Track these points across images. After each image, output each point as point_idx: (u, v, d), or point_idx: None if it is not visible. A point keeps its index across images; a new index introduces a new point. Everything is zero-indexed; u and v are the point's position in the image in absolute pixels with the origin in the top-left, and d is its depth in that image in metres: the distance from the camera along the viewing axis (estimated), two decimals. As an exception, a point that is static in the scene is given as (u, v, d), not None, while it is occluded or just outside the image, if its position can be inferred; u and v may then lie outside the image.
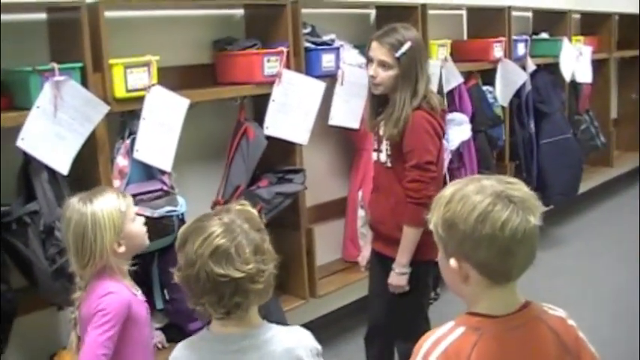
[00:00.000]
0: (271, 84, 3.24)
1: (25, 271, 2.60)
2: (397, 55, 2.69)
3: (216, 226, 1.59)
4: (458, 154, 4.28)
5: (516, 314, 1.45)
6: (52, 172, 2.60)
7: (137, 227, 2.15)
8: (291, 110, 3.32)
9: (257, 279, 1.57)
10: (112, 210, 2.07)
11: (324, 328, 3.91)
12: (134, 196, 2.75)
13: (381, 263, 2.90)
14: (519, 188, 1.42)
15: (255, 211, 1.71)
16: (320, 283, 3.64)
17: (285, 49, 3.24)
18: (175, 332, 3.08)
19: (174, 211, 2.78)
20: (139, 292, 2.17)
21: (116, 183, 2.80)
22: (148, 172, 2.91)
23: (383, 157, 2.85)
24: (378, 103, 2.85)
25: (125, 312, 2.03)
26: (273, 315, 3.20)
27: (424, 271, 2.84)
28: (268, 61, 3.21)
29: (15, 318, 2.60)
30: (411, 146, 2.71)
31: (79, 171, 2.83)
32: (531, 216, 1.37)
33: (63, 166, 2.61)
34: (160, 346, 3.04)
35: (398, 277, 2.76)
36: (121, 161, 2.83)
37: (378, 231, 2.96)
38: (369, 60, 2.79)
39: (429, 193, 2.65)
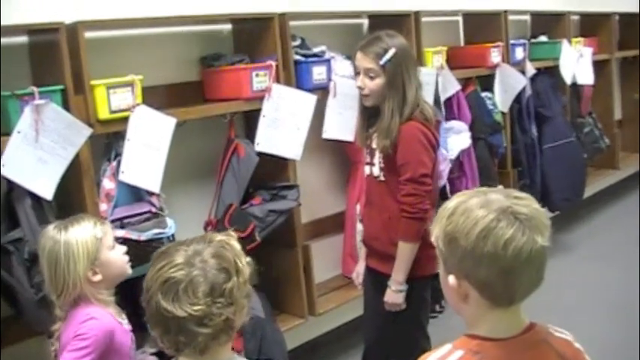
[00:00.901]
0: (261, 99, 3.17)
1: (10, 300, 2.54)
2: (382, 62, 2.62)
3: (177, 256, 1.49)
4: (458, 163, 4.20)
5: (520, 337, 1.35)
6: (36, 198, 2.54)
7: (115, 255, 2.09)
8: (283, 125, 3.24)
9: (205, 322, 1.44)
10: (87, 237, 2.02)
11: (324, 347, 3.85)
12: (121, 219, 2.72)
13: (376, 280, 2.82)
14: (528, 204, 1.32)
15: (236, 246, 1.57)
16: (319, 300, 3.56)
17: (273, 63, 3.17)
18: (168, 358, 3.00)
19: (163, 233, 2.70)
20: (124, 321, 2.10)
21: (103, 206, 2.74)
22: (136, 194, 2.84)
23: (376, 170, 2.78)
24: (369, 115, 2.77)
25: (105, 340, 1.96)
26: (269, 337, 3.15)
27: (422, 286, 2.75)
28: (257, 75, 3.14)
29: (1, 348, 2.55)
30: (405, 159, 2.63)
31: (64, 196, 2.78)
32: (539, 236, 1.28)
33: (47, 192, 2.55)
34: (154, 369, 2.97)
35: (394, 295, 2.67)
36: (108, 184, 2.76)
37: (371, 247, 2.87)
38: (357, 72, 2.72)
39: (424, 207, 2.59)
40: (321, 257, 3.75)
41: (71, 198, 2.74)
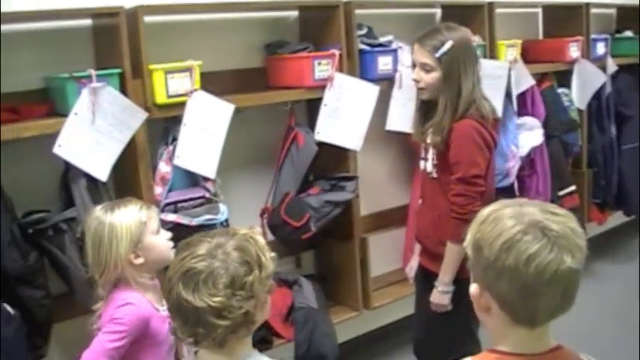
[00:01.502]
0: (323, 88, 3.13)
1: (63, 278, 2.60)
2: (437, 55, 2.54)
3: (200, 247, 1.50)
4: (529, 160, 4.05)
5: (543, 356, 1.28)
6: (91, 179, 2.58)
7: (159, 240, 2.09)
8: (344, 115, 3.20)
9: (224, 314, 1.44)
10: (131, 220, 2.04)
11: (377, 342, 3.79)
12: (175, 203, 2.74)
13: (426, 278, 2.74)
14: (563, 222, 1.23)
15: (260, 241, 1.56)
16: (375, 294, 3.50)
17: (337, 52, 3.12)
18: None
19: (214, 219, 2.71)
20: (162, 308, 2.11)
21: (157, 190, 2.76)
22: (192, 178, 2.86)
23: (429, 166, 2.70)
24: (426, 109, 2.69)
25: (141, 326, 1.98)
26: (321, 328, 3.12)
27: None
28: (319, 64, 3.10)
29: (53, 323, 2.61)
30: (457, 158, 2.54)
31: (120, 178, 2.82)
32: (568, 256, 1.19)
33: (102, 173, 2.59)
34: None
35: (440, 296, 2.60)
36: (163, 167, 2.79)
37: (422, 244, 2.81)
38: (414, 64, 2.65)
39: (474, 208, 2.45)
40: (381, 250, 3.70)
41: (126, 180, 2.78)
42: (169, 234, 2.16)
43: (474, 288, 1.29)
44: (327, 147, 3.20)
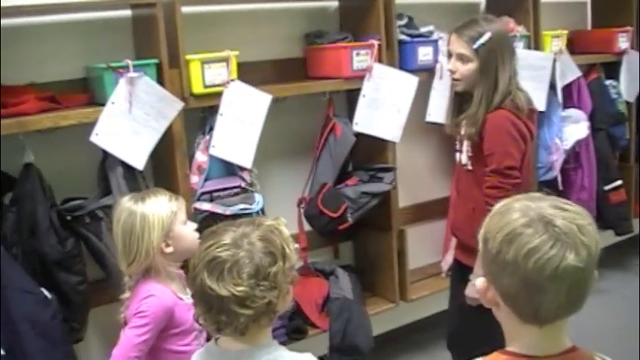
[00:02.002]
0: (361, 78, 3.12)
1: (100, 264, 2.65)
2: (475, 46, 2.50)
3: (225, 237, 1.51)
4: (574, 154, 3.98)
5: (557, 358, 1.23)
6: (128, 168, 2.62)
7: (187, 231, 2.12)
8: (383, 106, 3.17)
9: (247, 304, 1.44)
10: (163, 210, 2.07)
11: (413, 335, 3.76)
12: (211, 192, 2.76)
13: (460, 271, 2.72)
14: (572, 218, 1.17)
15: (284, 232, 1.57)
16: (412, 286, 3.48)
17: (376, 42, 3.10)
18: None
19: (249, 209, 2.72)
20: (187, 296, 2.13)
21: (194, 179, 2.79)
22: (229, 168, 2.87)
23: (464, 158, 2.68)
24: (460, 101, 2.66)
25: (165, 317, 2.01)
26: (355, 320, 3.12)
27: None
28: (357, 54, 3.08)
29: (90, 308, 2.66)
30: (491, 149, 2.52)
31: (157, 166, 2.86)
32: (572, 253, 1.14)
33: (139, 162, 2.62)
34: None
35: (475, 289, 2.55)
36: (200, 157, 2.81)
37: (457, 237, 2.78)
38: (449, 55, 2.61)
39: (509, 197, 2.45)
40: (420, 242, 3.67)
41: (163, 169, 2.81)
42: (195, 225, 2.19)
43: (479, 282, 1.27)
44: (366, 138, 3.18)
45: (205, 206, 2.67)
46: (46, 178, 2.56)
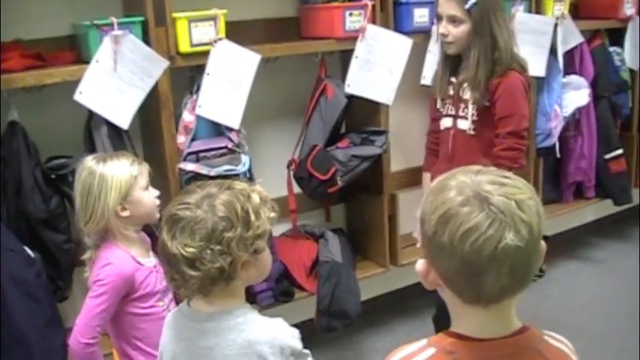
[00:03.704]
0: (354, 39, 3.06)
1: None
2: (467, 6, 2.45)
3: (191, 196, 1.49)
4: (575, 121, 3.92)
5: (504, 340, 1.17)
6: (113, 127, 2.61)
7: (147, 197, 2.10)
8: (376, 68, 3.12)
9: (196, 265, 1.43)
10: (122, 173, 2.05)
11: (403, 301, 3.75)
12: (197, 152, 2.74)
13: None
14: (512, 193, 1.10)
15: (255, 199, 1.52)
16: (403, 251, 3.44)
17: (369, 3, 3.03)
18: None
19: (234, 170, 2.69)
20: (148, 259, 2.12)
21: (180, 139, 2.77)
22: (217, 128, 2.84)
23: (465, 124, 2.65)
24: (452, 64, 2.62)
25: (124, 284, 2.01)
26: (344, 283, 3.10)
27: None
28: (350, 14, 3.02)
29: (75, 267, 2.66)
30: (509, 111, 2.53)
31: (145, 126, 2.84)
32: (511, 232, 1.06)
33: (123, 121, 2.60)
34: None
35: None
36: (187, 116, 2.78)
37: None
38: (439, 17, 2.56)
39: (523, 162, 2.55)
40: (413, 207, 3.61)
41: (150, 129, 2.79)
42: (157, 192, 2.16)
43: (419, 265, 1.19)
44: (360, 100, 3.13)
45: (190, 167, 2.65)
46: (31, 137, 2.55)
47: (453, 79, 2.63)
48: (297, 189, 3.18)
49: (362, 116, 3.28)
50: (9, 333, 2.33)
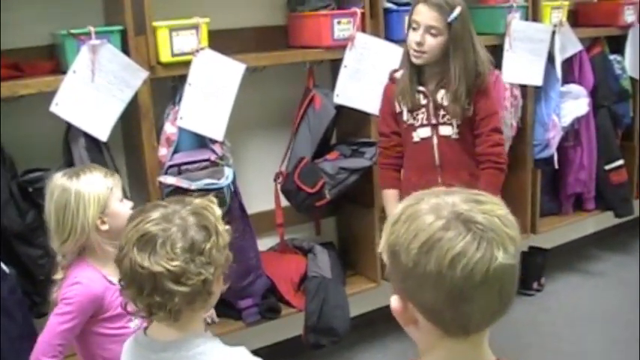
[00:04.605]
0: (343, 48, 2.98)
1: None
2: (449, 19, 2.40)
3: (154, 213, 1.42)
4: (574, 131, 3.82)
5: None
6: (91, 139, 2.54)
7: (123, 209, 2.02)
8: (366, 77, 3.03)
9: (182, 280, 1.36)
10: (98, 186, 1.98)
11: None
12: (179, 165, 2.66)
13: None
14: (490, 210, 1.03)
15: (216, 211, 1.49)
16: (395, 265, 3.36)
17: (358, 10, 2.96)
18: (225, 308, 2.95)
19: (215, 184, 2.61)
20: None
21: (162, 151, 2.70)
22: (200, 140, 2.77)
23: (448, 129, 2.60)
24: (417, 73, 2.57)
25: (91, 305, 1.94)
26: (332, 299, 3.02)
27: None
28: (339, 22, 2.94)
29: (50, 283, 2.58)
30: (488, 111, 2.61)
31: (126, 139, 2.77)
32: (500, 250, 0.99)
33: (102, 133, 2.53)
34: (209, 320, 2.93)
35: None
36: (169, 128, 2.71)
37: None
38: (413, 26, 2.49)
39: (506, 157, 2.65)
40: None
41: (129, 140, 2.72)
42: (131, 203, 2.09)
43: (394, 301, 1.09)
44: (350, 111, 3.05)
45: (170, 180, 2.57)
46: (8, 149, 2.49)
47: (422, 89, 2.57)
48: (285, 202, 3.10)
49: (352, 127, 3.21)
50: (-20, 348, 2.28)
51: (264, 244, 3.21)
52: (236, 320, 2.94)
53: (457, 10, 2.42)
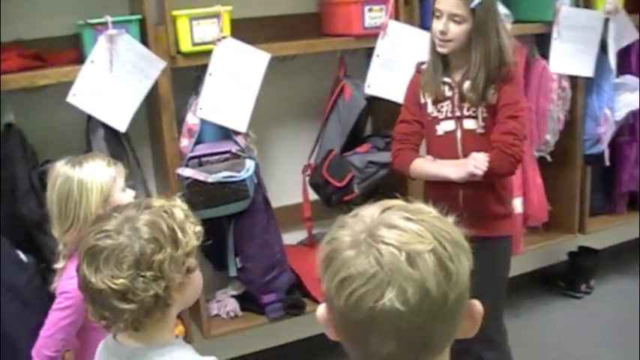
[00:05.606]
0: (375, 37, 2.87)
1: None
2: (472, 5, 2.27)
3: (109, 222, 1.33)
4: (629, 125, 3.61)
5: None
6: (110, 130, 2.52)
7: (125, 199, 1.97)
8: (399, 67, 2.90)
9: (129, 297, 1.28)
10: (101, 174, 1.94)
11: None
12: (200, 157, 2.62)
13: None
14: (407, 243, 0.87)
15: (178, 215, 1.37)
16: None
17: (391, -2, 2.85)
18: (249, 302, 2.91)
19: (234, 177, 2.55)
20: None
21: (183, 142, 2.66)
22: (224, 132, 2.72)
23: (473, 123, 2.46)
24: (443, 63, 2.45)
25: None
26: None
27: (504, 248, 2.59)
28: (370, 10, 2.84)
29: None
30: (509, 99, 2.41)
31: (150, 128, 2.74)
32: (393, 291, 0.85)
33: (121, 123, 2.51)
34: (232, 314, 2.89)
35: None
36: (191, 119, 2.67)
37: (470, 210, 2.53)
38: (436, 14, 2.36)
39: (520, 150, 2.41)
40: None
41: (150, 131, 2.69)
42: (133, 192, 2.04)
43: (320, 308, 0.98)
44: (386, 101, 2.94)
45: (187, 172, 2.53)
46: (30, 139, 2.49)
47: (447, 79, 2.45)
48: (314, 195, 3.02)
49: (387, 118, 3.08)
50: (-3, 336, 2.29)
51: (293, 238, 3.14)
52: (260, 315, 2.89)
53: None
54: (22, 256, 2.40)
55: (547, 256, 3.91)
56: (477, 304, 0.97)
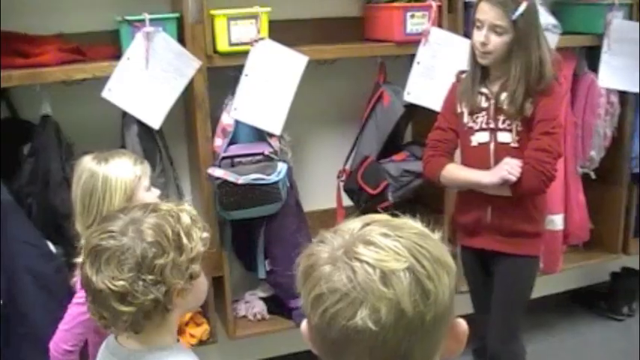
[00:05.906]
0: (417, 43, 2.82)
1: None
2: (513, 17, 2.21)
3: (114, 223, 1.32)
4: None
5: None
6: (144, 126, 2.53)
7: (150, 199, 1.97)
8: (440, 75, 2.85)
9: (128, 299, 1.26)
10: (126, 172, 1.93)
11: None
12: (232, 157, 2.60)
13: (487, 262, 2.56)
14: (382, 260, 0.84)
15: (185, 220, 1.35)
16: (462, 277, 3.16)
17: (434, 4, 2.79)
18: (277, 305, 2.89)
19: (263, 179, 2.53)
20: None
21: (217, 141, 2.65)
22: (259, 133, 2.70)
23: (508, 136, 2.40)
24: (482, 74, 2.39)
25: None
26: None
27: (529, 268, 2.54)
28: (412, 16, 2.79)
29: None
30: (546, 115, 2.35)
31: (185, 127, 2.74)
32: (365, 310, 0.82)
33: (155, 121, 2.52)
34: (259, 317, 2.87)
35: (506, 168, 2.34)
36: (226, 119, 2.66)
37: (496, 227, 2.47)
38: (477, 25, 2.30)
39: (555, 169, 2.35)
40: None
41: (185, 129, 2.69)
42: (158, 192, 2.03)
43: (304, 322, 0.94)
44: (426, 109, 2.89)
45: (218, 172, 2.52)
46: (67, 132, 2.51)
47: (485, 90, 2.39)
48: (348, 201, 2.98)
49: (427, 126, 3.02)
50: (22, 324, 2.32)
51: (326, 243, 3.10)
52: (286, 319, 2.87)
53: (522, 7, 2.23)
54: (52, 247, 2.42)
55: (588, 275, 3.80)
56: (462, 324, 0.94)
